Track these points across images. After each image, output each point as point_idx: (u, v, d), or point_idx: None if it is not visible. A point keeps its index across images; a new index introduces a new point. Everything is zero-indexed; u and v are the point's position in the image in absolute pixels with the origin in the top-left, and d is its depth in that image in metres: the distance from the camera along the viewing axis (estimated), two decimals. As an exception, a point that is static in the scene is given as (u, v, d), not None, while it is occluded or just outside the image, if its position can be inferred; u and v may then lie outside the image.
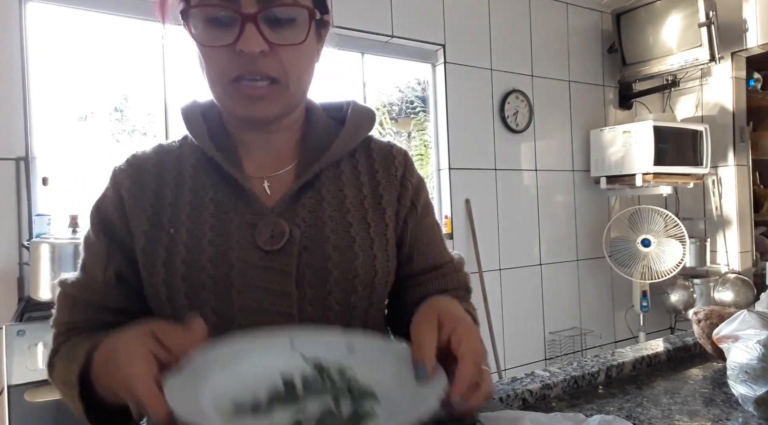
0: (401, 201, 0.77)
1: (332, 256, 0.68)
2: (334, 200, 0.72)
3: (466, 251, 2.81)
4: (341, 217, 0.71)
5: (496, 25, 2.98)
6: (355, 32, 2.54)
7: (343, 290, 0.68)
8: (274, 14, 0.62)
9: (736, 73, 3.24)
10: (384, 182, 0.77)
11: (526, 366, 3.03)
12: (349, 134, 0.76)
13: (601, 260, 3.26)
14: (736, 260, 3.27)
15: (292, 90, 0.67)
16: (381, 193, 0.76)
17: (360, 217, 0.73)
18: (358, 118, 0.78)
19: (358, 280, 0.69)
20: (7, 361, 1.54)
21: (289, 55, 0.64)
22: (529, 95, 3.07)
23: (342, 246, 0.69)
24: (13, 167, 1.89)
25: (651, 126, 2.96)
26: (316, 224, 0.69)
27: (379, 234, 0.73)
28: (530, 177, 3.12)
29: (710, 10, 2.88)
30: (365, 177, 0.76)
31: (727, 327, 0.84)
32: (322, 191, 0.72)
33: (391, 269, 0.74)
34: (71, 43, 2.12)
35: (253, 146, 0.74)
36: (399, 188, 0.77)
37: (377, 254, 0.72)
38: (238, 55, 0.62)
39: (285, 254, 0.67)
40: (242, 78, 0.64)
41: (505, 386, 0.85)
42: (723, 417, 0.76)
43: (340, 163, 0.76)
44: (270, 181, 0.72)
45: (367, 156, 0.78)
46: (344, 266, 0.68)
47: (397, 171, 0.78)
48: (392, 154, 0.79)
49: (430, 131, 2.92)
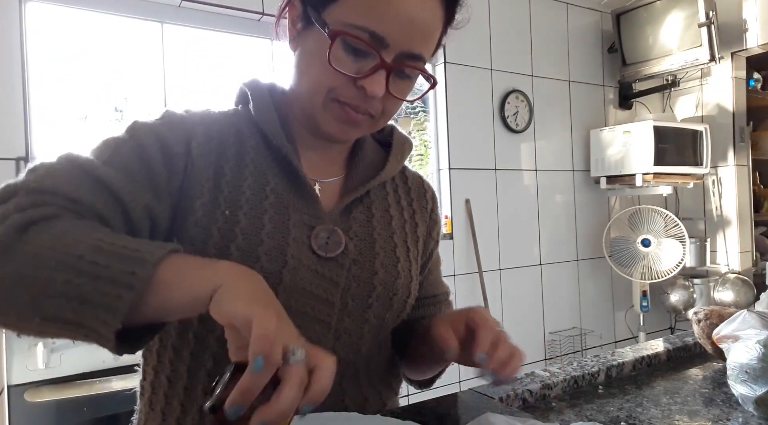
0: (431, 234, 0.84)
1: (378, 272, 0.71)
2: (382, 218, 0.75)
3: (466, 251, 2.81)
4: (388, 236, 0.75)
5: (496, 25, 2.98)
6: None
7: (382, 306, 0.71)
8: (404, 71, 0.65)
9: (736, 73, 3.24)
10: (418, 212, 0.82)
11: (526, 366, 3.03)
12: (397, 155, 0.79)
13: (601, 260, 3.26)
14: (736, 260, 3.27)
15: (380, 125, 0.71)
16: (417, 221, 0.81)
17: (402, 239, 0.77)
18: (401, 142, 0.82)
19: (396, 298, 0.72)
20: (7, 361, 1.54)
21: (393, 102, 0.68)
22: (529, 95, 3.07)
23: (388, 264, 0.72)
24: (13, 167, 1.89)
25: (651, 126, 2.96)
26: (367, 239, 0.72)
27: (414, 259, 0.78)
28: (530, 177, 3.12)
29: (710, 10, 2.88)
30: (404, 203, 0.81)
31: (727, 327, 0.84)
32: (372, 208, 0.75)
33: (416, 293, 0.79)
34: (71, 43, 2.12)
35: (310, 148, 0.73)
36: (429, 222, 0.83)
37: (413, 277, 0.76)
38: (356, 87, 0.63)
39: (338, 263, 0.68)
40: (345, 104, 0.65)
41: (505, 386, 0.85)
42: (723, 417, 0.76)
43: (385, 184, 0.80)
44: (320, 186, 0.73)
45: (403, 183, 0.83)
46: (387, 283, 0.71)
47: (428, 205, 0.84)
48: (424, 188, 0.85)
49: (430, 131, 2.92)
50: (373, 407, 0.75)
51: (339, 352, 0.67)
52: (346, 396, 0.72)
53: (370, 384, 0.76)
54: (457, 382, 2.80)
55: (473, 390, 0.84)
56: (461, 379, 2.81)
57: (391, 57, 0.62)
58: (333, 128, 0.67)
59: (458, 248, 2.79)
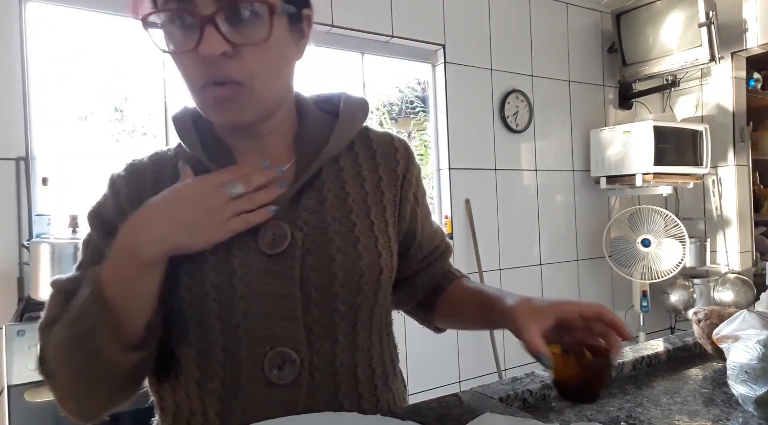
0: (406, 196, 0.78)
1: (336, 258, 0.67)
2: (336, 199, 0.71)
3: (466, 251, 2.81)
4: (344, 216, 0.70)
5: (496, 25, 2.98)
6: (355, 32, 2.54)
7: (349, 290, 0.68)
8: (233, 12, 0.59)
9: (736, 73, 3.24)
10: (386, 177, 0.76)
11: (526, 366, 3.03)
12: (345, 126, 0.74)
13: (601, 260, 3.26)
14: (736, 260, 3.27)
15: (259, 93, 0.63)
16: (383, 189, 0.75)
17: (363, 215, 0.72)
18: (352, 108, 0.76)
19: (363, 280, 0.69)
20: (7, 361, 1.54)
21: (254, 55, 0.61)
22: (529, 95, 3.08)
23: (346, 247, 0.68)
24: (13, 167, 1.89)
25: (651, 126, 2.96)
26: (319, 226, 0.69)
27: (382, 231, 0.73)
28: (530, 177, 3.12)
29: (710, 10, 2.88)
30: (367, 172, 0.75)
31: (727, 327, 0.84)
32: (324, 190, 0.71)
33: (394, 265, 0.75)
34: (71, 43, 2.12)
35: (246, 151, 0.72)
36: (402, 183, 0.77)
37: (381, 251, 0.72)
38: (203, 60, 0.59)
39: (287, 257, 0.66)
40: (208, 84, 0.61)
41: (505, 386, 0.85)
42: (723, 417, 0.76)
43: (339, 158, 0.74)
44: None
45: (367, 148, 0.77)
46: (349, 267, 0.68)
47: (399, 165, 0.78)
48: (393, 146, 0.79)
49: (430, 131, 2.92)
50: (367, 404, 0.73)
51: (314, 343, 0.67)
52: (339, 392, 0.70)
53: (366, 377, 0.73)
54: (457, 382, 2.80)
55: (473, 390, 0.84)
56: (461, 379, 2.82)
57: (210, 7, 0.57)
58: (214, 114, 0.64)
59: (458, 248, 2.79)
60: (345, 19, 2.48)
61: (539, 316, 0.65)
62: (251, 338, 0.65)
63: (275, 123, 0.71)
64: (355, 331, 0.70)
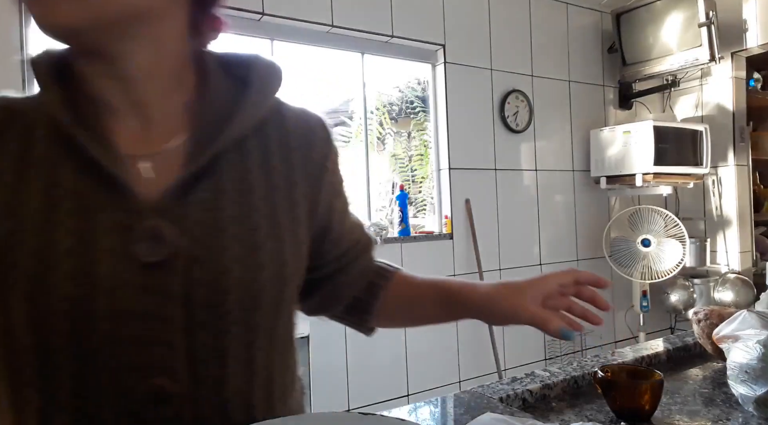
0: (323, 186, 0.64)
1: (232, 270, 0.53)
2: (236, 193, 0.56)
3: (466, 251, 2.81)
4: (245, 216, 0.56)
5: (496, 25, 2.98)
6: (355, 32, 2.54)
7: (245, 309, 0.54)
8: None
9: (736, 73, 3.24)
10: (300, 166, 0.62)
11: (526, 366, 3.03)
12: (256, 100, 0.58)
13: (601, 260, 3.26)
14: (736, 260, 3.27)
15: None
16: (295, 180, 0.61)
17: (269, 214, 0.57)
18: (265, 76, 0.60)
19: (265, 295, 0.55)
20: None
21: None
22: (529, 95, 3.08)
23: (244, 256, 0.54)
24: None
25: (651, 126, 2.96)
26: (213, 228, 0.53)
27: (291, 234, 0.59)
28: (530, 177, 3.12)
29: (710, 10, 2.88)
30: (277, 159, 0.60)
31: (727, 327, 0.84)
32: (223, 181, 0.55)
33: (302, 271, 0.63)
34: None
35: (123, 114, 0.54)
36: (320, 171, 0.64)
37: (288, 259, 0.58)
38: None
39: (168, 267, 0.51)
40: None
41: (505, 386, 0.85)
42: (723, 417, 0.76)
43: (245, 141, 0.58)
44: (151, 160, 0.54)
45: (279, 130, 0.61)
46: (247, 281, 0.54)
47: (316, 149, 0.63)
48: (311, 127, 0.64)
49: (430, 131, 2.92)
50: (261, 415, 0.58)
51: (199, 372, 0.53)
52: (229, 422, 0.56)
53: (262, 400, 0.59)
54: (457, 382, 2.80)
55: (473, 390, 0.84)
56: (461, 379, 2.82)
57: None
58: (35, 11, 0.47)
59: (458, 248, 2.79)
60: (345, 19, 2.48)
61: (526, 294, 0.62)
62: (117, 368, 0.50)
63: (158, 76, 0.55)
64: (251, 354, 0.56)
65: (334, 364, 2.45)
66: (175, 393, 0.52)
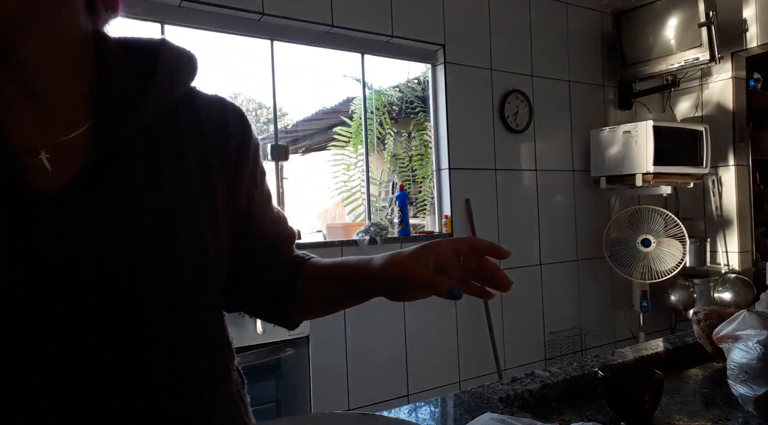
0: (242, 176, 0.62)
1: (148, 264, 0.50)
2: (147, 182, 0.53)
3: (466, 251, 2.81)
4: (159, 206, 0.53)
5: (496, 25, 2.98)
6: (355, 32, 2.54)
7: (165, 304, 0.51)
8: None
9: (736, 73, 3.24)
10: (215, 155, 0.59)
11: (526, 366, 3.03)
12: (164, 85, 0.56)
13: (601, 261, 3.26)
14: (736, 260, 3.27)
15: None
16: (211, 169, 0.58)
17: (185, 203, 0.55)
18: (174, 62, 0.58)
19: (184, 288, 0.53)
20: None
21: None
22: (529, 95, 3.08)
23: (160, 247, 0.51)
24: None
25: (651, 126, 2.96)
26: (122, 220, 0.50)
27: (209, 223, 0.57)
28: (530, 177, 3.12)
29: (710, 10, 2.88)
30: (191, 148, 0.57)
31: (727, 327, 0.84)
32: (131, 168, 0.52)
33: (225, 260, 0.60)
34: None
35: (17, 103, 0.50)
36: (237, 160, 0.61)
37: (208, 250, 0.55)
38: None
39: (71, 265, 0.47)
40: None
41: (505, 386, 0.85)
42: (723, 417, 0.76)
43: (155, 130, 0.55)
44: (51, 151, 0.50)
45: (192, 117, 0.59)
46: (163, 277, 0.51)
47: (232, 138, 0.61)
48: (226, 115, 0.62)
49: (430, 131, 2.92)
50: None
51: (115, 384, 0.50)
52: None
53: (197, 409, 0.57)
54: (457, 382, 2.80)
55: (473, 390, 0.84)
56: (461, 379, 2.82)
57: None
58: None
59: (458, 248, 2.79)
60: (345, 19, 2.48)
61: (416, 260, 0.56)
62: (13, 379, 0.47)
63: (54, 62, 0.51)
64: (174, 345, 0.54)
65: (334, 364, 2.45)
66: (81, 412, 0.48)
